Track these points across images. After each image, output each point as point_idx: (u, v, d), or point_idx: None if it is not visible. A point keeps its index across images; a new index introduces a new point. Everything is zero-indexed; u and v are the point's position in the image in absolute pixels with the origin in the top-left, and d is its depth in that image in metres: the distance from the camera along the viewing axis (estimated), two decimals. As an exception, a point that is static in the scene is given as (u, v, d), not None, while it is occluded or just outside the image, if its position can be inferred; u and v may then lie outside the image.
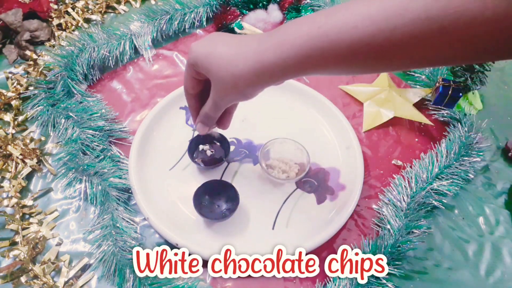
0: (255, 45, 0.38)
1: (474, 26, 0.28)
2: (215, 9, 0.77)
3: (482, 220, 0.58)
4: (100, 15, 0.78)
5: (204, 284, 0.50)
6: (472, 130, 0.64)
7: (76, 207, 0.56)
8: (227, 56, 0.39)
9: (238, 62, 0.38)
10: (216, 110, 0.45)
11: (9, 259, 0.50)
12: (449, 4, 0.28)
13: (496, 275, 0.53)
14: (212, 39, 0.42)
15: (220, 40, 0.41)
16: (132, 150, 0.59)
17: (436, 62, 0.35)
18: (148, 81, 0.69)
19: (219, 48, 0.40)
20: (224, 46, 0.40)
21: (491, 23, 0.28)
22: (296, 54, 0.36)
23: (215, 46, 0.41)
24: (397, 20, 0.31)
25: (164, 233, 0.52)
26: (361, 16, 0.32)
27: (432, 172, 0.59)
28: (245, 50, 0.38)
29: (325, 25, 0.34)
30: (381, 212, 0.56)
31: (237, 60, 0.39)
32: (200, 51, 0.41)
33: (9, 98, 0.64)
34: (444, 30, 0.29)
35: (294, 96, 0.67)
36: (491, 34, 0.28)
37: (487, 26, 0.28)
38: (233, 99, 0.44)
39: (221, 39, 0.41)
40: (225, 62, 0.39)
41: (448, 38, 0.30)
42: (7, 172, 0.57)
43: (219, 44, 0.41)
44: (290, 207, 0.56)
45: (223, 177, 0.59)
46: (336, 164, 0.61)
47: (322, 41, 0.34)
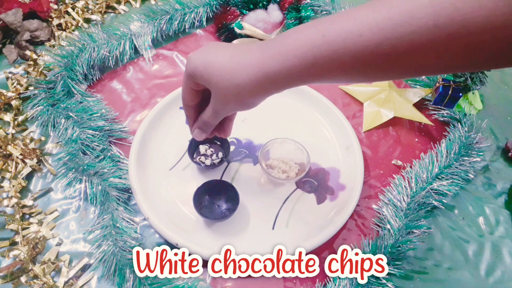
0: (257, 53, 0.37)
1: (482, 33, 0.28)
2: (215, 9, 0.77)
3: (482, 220, 0.58)
4: (100, 15, 0.78)
5: (204, 284, 0.50)
6: (472, 130, 0.64)
7: (76, 207, 0.56)
8: (229, 65, 0.38)
9: (240, 72, 0.38)
10: (215, 118, 0.45)
11: (9, 259, 0.50)
12: (457, 11, 0.28)
13: (496, 275, 0.53)
14: (211, 48, 0.41)
15: (220, 49, 0.40)
16: (132, 150, 0.59)
17: (442, 70, 0.35)
18: (148, 81, 0.69)
19: (220, 57, 0.39)
20: (225, 55, 0.39)
21: (499, 30, 0.28)
22: (300, 63, 0.35)
23: (215, 56, 0.39)
24: (404, 28, 0.30)
25: (164, 233, 0.52)
26: (366, 24, 0.32)
27: (432, 172, 0.59)
28: (247, 59, 0.38)
29: (329, 33, 0.33)
30: (381, 212, 0.56)
31: (239, 69, 0.38)
32: (199, 61, 0.40)
33: (9, 98, 0.64)
34: (452, 38, 0.29)
35: (294, 96, 0.67)
36: (499, 42, 0.28)
37: (495, 34, 0.28)
38: (234, 109, 0.43)
39: (221, 49, 0.40)
40: (227, 72, 0.38)
41: (455, 46, 0.29)
42: (7, 172, 0.57)
43: (219, 54, 0.39)
44: (290, 207, 0.56)
45: (223, 177, 0.59)
46: (336, 164, 0.61)
47: (326, 50, 0.34)
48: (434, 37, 0.29)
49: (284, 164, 0.58)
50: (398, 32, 0.31)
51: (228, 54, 0.39)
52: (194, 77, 0.41)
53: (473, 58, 0.30)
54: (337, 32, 0.33)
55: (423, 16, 0.29)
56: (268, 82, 0.37)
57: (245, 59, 0.38)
